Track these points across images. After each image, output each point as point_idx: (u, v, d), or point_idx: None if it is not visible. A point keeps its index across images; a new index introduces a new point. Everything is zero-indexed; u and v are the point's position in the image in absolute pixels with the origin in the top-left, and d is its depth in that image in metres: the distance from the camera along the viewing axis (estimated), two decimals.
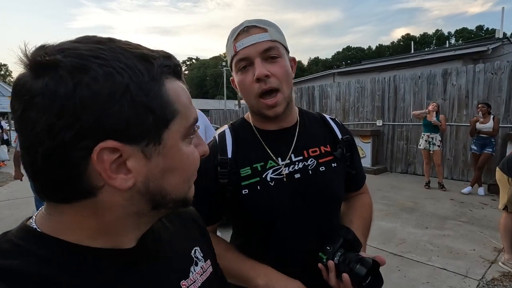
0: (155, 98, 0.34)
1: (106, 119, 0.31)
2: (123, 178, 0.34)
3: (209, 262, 0.53)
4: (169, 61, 0.37)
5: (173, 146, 0.37)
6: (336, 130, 0.90)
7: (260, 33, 0.74)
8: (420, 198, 4.87)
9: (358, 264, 0.68)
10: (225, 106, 26.94)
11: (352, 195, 0.98)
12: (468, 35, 53.87)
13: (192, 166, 0.41)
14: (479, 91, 5.73)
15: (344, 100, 7.89)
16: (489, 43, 9.59)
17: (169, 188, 0.38)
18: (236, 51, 0.75)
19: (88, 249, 0.36)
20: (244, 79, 0.76)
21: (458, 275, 2.65)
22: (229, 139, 0.83)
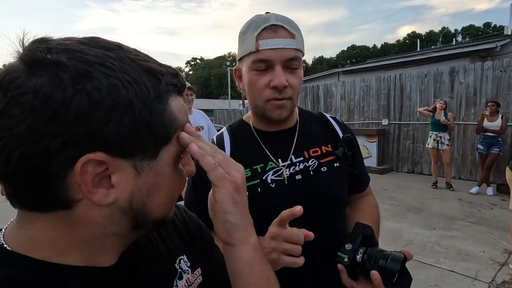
0: (158, 116, 0.33)
1: (102, 132, 0.29)
2: (103, 193, 0.31)
3: (198, 272, 0.49)
4: (175, 79, 0.37)
5: (167, 163, 0.36)
6: (337, 129, 0.88)
7: (288, 38, 0.70)
8: (427, 198, 4.79)
9: (389, 260, 0.63)
10: (230, 106, 26.98)
11: (356, 198, 0.95)
12: (475, 32, 53.08)
13: (180, 186, 0.40)
14: (487, 89, 5.62)
15: (349, 99, 7.82)
16: (497, 40, 9.42)
17: (152, 207, 0.36)
18: (257, 49, 0.70)
19: (60, 267, 0.33)
20: (257, 81, 0.72)
21: (468, 277, 2.59)
22: (227, 141, 0.81)
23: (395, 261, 0.62)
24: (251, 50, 0.71)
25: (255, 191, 0.76)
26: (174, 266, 0.46)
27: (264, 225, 0.76)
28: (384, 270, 0.63)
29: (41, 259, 0.33)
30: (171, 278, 0.45)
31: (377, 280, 0.62)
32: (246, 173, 0.74)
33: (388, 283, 0.63)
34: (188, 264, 0.48)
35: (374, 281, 0.63)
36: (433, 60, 9.56)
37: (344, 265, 0.68)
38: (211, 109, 18.06)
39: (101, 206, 0.32)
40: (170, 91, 0.36)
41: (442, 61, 9.19)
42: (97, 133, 0.29)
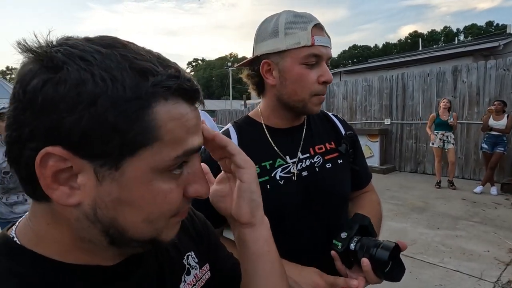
0: (129, 120, 0.29)
1: (62, 125, 0.28)
2: (65, 192, 0.30)
3: (206, 268, 0.49)
4: (172, 81, 0.31)
5: (137, 177, 0.30)
6: (340, 126, 0.91)
7: (328, 39, 0.76)
8: (431, 198, 4.77)
9: (379, 248, 0.64)
10: (231, 106, 27.00)
11: (358, 194, 0.96)
12: (478, 31, 52.84)
13: (160, 207, 0.33)
14: (490, 88, 5.60)
15: (351, 99, 7.81)
16: (500, 39, 9.39)
17: (126, 224, 0.32)
18: (313, 44, 0.72)
19: (60, 264, 0.33)
20: (308, 75, 0.74)
21: (473, 277, 2.57)
22: (234, 137, 0.81)
23: (385, 249, 0.63)
24: (307, 44, 0.72)
25: (264, 188, 0.76)
26: (182, 262, 0.46)
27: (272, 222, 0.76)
28: (374, 258, 0.63)
29: (44, 255, 0.33)
30: (179, 273, 0.45)
31: (367, 267, 0.64)
32: None
33: (379, 271, 0.63)
34: (196, 260, 0.48)
35: (364, 268, 0.65)
36: (436, 59, 9.53)
37: (338, 253, 0.69)
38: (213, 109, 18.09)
39: (62, 206, 0.30)
40: (158, 93, 0.30)
41: (444, 60, 9.16)
42: (58, 126, 0.28)
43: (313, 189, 0.79)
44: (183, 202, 0.36)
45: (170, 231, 0.37)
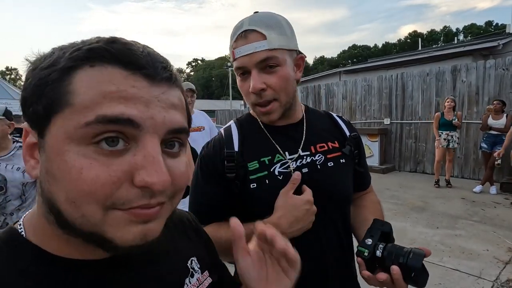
0: (43, 85, 0.29)
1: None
2: (31, 165, 0.33)
3: (206, 274, 0.49)
4: (93, 45, 0.30)
5: (54, 146, 0.29)
6: (344, 128, 0.89)
7: (258, 41, 0.70)
8: (430, 197, 4.78)
9: (410, 256, 0.64)
10: (231, 106, 26.99)
11: (359, 195, 0.97)
12: (477, 31, 52.87)
13: (75, 184, 0.28)
14: (490, 87, 5.60)
15: (350, 98, 7.81)
16: (500, 39, 9.39)
17: (57, 202, 0.30)
18: (234, 58, 0.74)
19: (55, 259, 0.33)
20: (242, 86, 0.76)
21: (472, 276, 2.58)
22: (235, 133, 0.82)
23: (417, 258, 0.63)
24: (232, 60, 0.76)
25: (263, 182, 0.76)
26: (186, 265, 0.46)
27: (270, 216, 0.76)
28: (405, 267, 0.63)
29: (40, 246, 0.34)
30: (183, 276, 0.45)
31: (397, 274, 0.63)
32: (254, 165, 0.78)
33: (407, 278, 0.64)
34: (198, 265, 0.48)
35: (394, 276, 0.63)
36: (435, 59, 9.54)
37: (363, 259, 0.69)
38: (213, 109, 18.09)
39: (31, 176, 0.33)
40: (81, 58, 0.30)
41: (444, 60, 9.16)
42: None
43: (313, 186, 0.78)
44: (130, 193, 0.30)
45: (119, 231, 0.30)
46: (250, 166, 0.78)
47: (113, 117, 0.29)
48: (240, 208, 0.80)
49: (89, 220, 0.30)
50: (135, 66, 0.31)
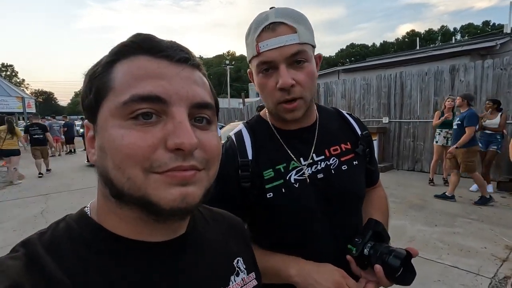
0: (94, 79, 0.37)
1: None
2: (92, 152, 0.39)
3: (252, 276, 0.50)
4: (125, 41, 0.38)
5: (102, 125, 0.36)
6: (355, 126, 0.87)
7: (288, 34, 0.67)
8: (428, 195, 4.82)
9: (391, 256, 0.67)
10: (229, 104, 26.94)
11: (368, 190, 0.95)
12: (474, 30, 53.09)
13: (119, 150, 0.34)
14: (487, 87, 5.65)
15: (349, 97, 7.84)
16: (497, 38, 9.44)
17: (108, 172, 0.35)
18: (259, 52, 0.68)
19: (114, 236, 0.38)
20: (265, 83, 0.71)
21: (470, 273, 2.62)
22: (247, 140, 0.79)
23: (397, 257, 0.67)
24: (254, 54, 0.70)
25: (280, 191, 0.75)
26: (233, 264, 0.48)
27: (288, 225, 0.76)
28: (387, 264, 0.67)
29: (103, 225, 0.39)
30: (229, 273, 0.47)
31: (379, 273, 0.67)
32: (269, 174, 0.76)
33: (390, 276, 0.67)
34: (244, 266, 0.50)
35: (377, 274, 0.67)
36: (434, 58, 9.58)
37: (352, 257, 0.73)
38: None
39: (92, 162, 0.39)
40: (120, 53, 0.37)
41: (442, 59, 9.21)
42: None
43: (329, 191, 0.76)
44: (164, 156, 0.34)
45: (161, 193, 0.34)
46: (265, 175, 0.75)
47: (144, 96, 0.34)
48: (256, 217, 0.78)
49: (134, 182, 0.34)
50: (157, 50, 0.37)
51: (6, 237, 3.59)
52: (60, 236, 0.37)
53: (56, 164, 9.20)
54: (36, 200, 5.29)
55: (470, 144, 4.28)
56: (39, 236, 0.36)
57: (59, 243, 0.36)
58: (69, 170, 8.13)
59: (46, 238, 0.36)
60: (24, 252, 0.33)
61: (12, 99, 14.52)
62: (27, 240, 0.35)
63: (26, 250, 0.34)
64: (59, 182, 6.60)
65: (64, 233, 0.37)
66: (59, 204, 4.96)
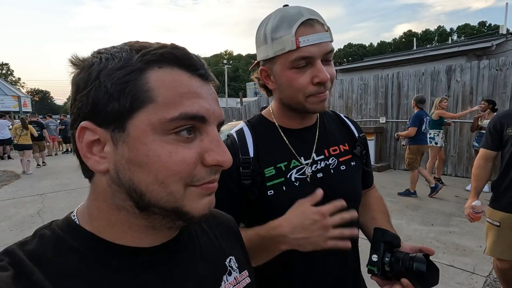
0: (121, 83, 0.34)
1: (81, 102, 0.35)
2: (96, 160, 0.35)
3: (245, 274, 0.51)
4: (159, 50, 0.35)
5: (139, 137, 0.34)
6: (353, 129, 0.89)
7: (324, 32, 0.69)
8: (425, 195, 4.86)
9: (415, 262, 0.64)
10: (227, 104, 26.91)
11: (364, 193, 0.96)
12: (471, 31, 53.49)
13: (166, 167, 0.34)
14: (483, 87, 5.70)
15: (347, 97, 7.87)
16: (493, 39, 9.52)
17: (141, 186, 0.35)
18: (298, 47, 0.67)
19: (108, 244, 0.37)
20: (299, 78, 0.70)
21: (466, 271, 2.65)
22: (249, 137, 0.79)
23: (420, 261, 0.64)
24: (291, 48, 0.68)
25: (280, 189, 0.75)
26: (224, 263, 0.48)
27: None
28: (412, 273, 0.64)
29: (95, 233, 0.37)
30: (221, 273, 0.47)
31: (408, 286, 0.64)
32: (270, 172, 0.76)
33: (419, 282, 0.64)
34: (236, 265, 0.50)
35: (405, 287, 0.64)
36: (430, 58, 9.63)
37: (376, 276, 0.70)
38: None
39: (98, 173, 0.36)
40: (150, 61, 0.35)
41: (439, 59, 9.26)
42: (81, 104, 0.35)
43: (328, 191, 0.74)
44: (202, 171, 0.36)
45: (194, 204, 0.37)
46: (266, 172, 0.76)
47: (193, 115, 0.35)
48: (256, 214, 0.78)
49: (174, 196, 0.35)
50: (194, 68, 0.37)
51: (3, 237, 3.58)
52: (46, 244, 0.35)
53: (52, 163, 9.15)
54: (32, 199, 5.26)
55: (415, 142, 4.68)
56: (22, 246, 0.35)
57: (44, 252, 0.34)
58: (66, 169, 8.07)
59: (31, 248, 0.34)
60: (9, 261, 0.32)
61: (8, 97, 14.41)
62: (10, 249, 0.34)
63: (10, 259, 0.33)
64: (55, 182, 6.57)
65: (50, 241, 0.36)
66: (56, 204, 4.94)
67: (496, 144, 1.86)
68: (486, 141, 1.91)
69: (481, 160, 1.95)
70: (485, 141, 1.93)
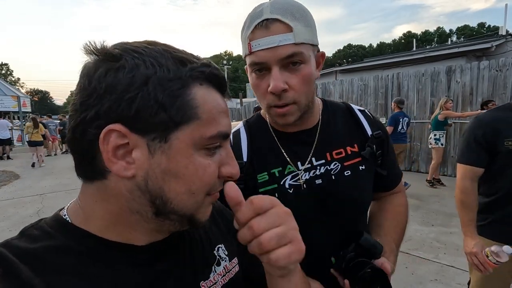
0: (172, 96, 0.34)
1: (120, 104, 0.33)
2: (123, 166, 0.34)
3: (235, 261, 0.51)
4: (205, 68, 0.37)
5: (181, 150, 0.35)
6: (365, 125, 0.78)
7: (283, 33, 0.60)
8: (425, 195, 4.86)
9: (363, 271, 0.62)
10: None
11: (384, 195, 0.88)
12: (470, 32, 53.65)
13: (201, 179, 0.37)
14: (483, 88, 5.71)
15: (347, 98, 7.87)
16: (493, 40, 9.55)
17: (170, 194, 0.36)
18: (250, 51, 0.63)
19: (103, 241, 0.37)
20: (258, 85, 0.66)
21: (466, 272, 2.62)
22: (244, 140, 0.75)
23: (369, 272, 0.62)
24: (246, 53, 0.65)
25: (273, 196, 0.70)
26: (213, 253, 0.48)
27: None
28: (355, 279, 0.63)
29: (90, 231, 0.37)
30: (210, 263, 0.47)
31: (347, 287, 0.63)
32: (263, 177, 0.72)
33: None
34: (225, 253, 0.50)
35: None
36: (430, 59, 9.66)
37: (334, 269, 0.70)
38: None
39: (121, 178, 0.35)
40: (197, 77, 0.36)
41: (439, 60, 9.29)
42: (118, 105, 0.33)
43: (327, 199, 0.71)
44: (217, 182, 0.39)
45: (205, 210, 0.40)
46: (259, 178, 0.72)
47: (226, 133, 0.39)
48: None
49: (196, 204, 0.38)
50: (223, 88, 0.40)
51: (2, 237, 3.53)
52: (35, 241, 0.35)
53: (52, 163, 9.14)
54: (32, 200, 5.25)
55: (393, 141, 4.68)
56: (8, 244, 0.35)
57: (34, 250, 0.34)
58: (66, 169, 8.06)
59: (19, 246, 0.34)
60: None
61: (8, 98, 14.37)
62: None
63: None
64: (55, 182, 6.55)
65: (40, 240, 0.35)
66: (55, 204, 4.92)
67: (485, 158, 1.34)
68: (471, 154, 1.37)
69: (467, 181, 1.38)
70: (468, 154, 1.38)
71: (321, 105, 0.81)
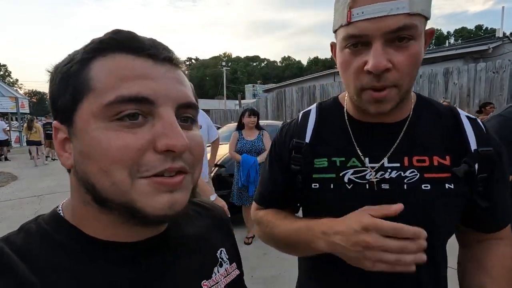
0: (66, 78, 0.34)
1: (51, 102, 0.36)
2: (66, 157, 0.36)
3: (234, 265, 0.51)
4: (102, 37, 0.35)
5: (83, 128, 0.33)
6: (470, 136, 0.59)
7: (395, 1, 0.49)
8: None
9: None
10: (225, 106, 26.93)
11: (482, 239, 0.66)
12: (468, 34, 54.02)
13: (106, 154, 0.32)
14: (480, 90, 5.75)
15: None
16: (490, 42, 9.61)
17: (91, 177, 0.34)
18: (349, 21, 0.52)
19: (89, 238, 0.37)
20: (349, 62, 0.55)
21: None
22: (311, 121, 0.68)
23: None
24: (342, 23, 0.54)
25: (327, 186, 0.63)
26: (215, 255, 0.49)
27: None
28: None
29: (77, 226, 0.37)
30: (212, 264, 0.47)
31: None
32: (322, 163, 0.64)
33: None
34: (227, 256, 0.50)
35: None
36: (428, 61, 9.71)
37: None
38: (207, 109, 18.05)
39: (66, 168, 0.37)
40: (95, 50, 0.34)
41: (436, 62, 9.34)
42: (51, 103, 0.36)
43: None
44: (153, 159, 0.33)
45: (148, 200, 0.33)
46: (317, 163, 0.64)
47: (132, 97, 0.32)
48: (304, 204, 0.72)
49: (120, 187, 0.33)
50: (140, 49, 0.35)
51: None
52: (32, 238, 0.35)
53: (50, 164, 9.12)
54: (30, 201, 5.23)
55: None
56: (7, 240, 0.35)
57: (30, 246, 0.34)
58: (64, 171, 7.89)
59: (16, 242, 0.34)
60: None
61: (6, 99, 14.33)
62: None
63: None
64: (53, 183, 6.54)
65: (36, 235, 0.36)
66: (53, 205, 4.69)
67: None
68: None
69: None
70: None
71: (414, 98, 0.66)
